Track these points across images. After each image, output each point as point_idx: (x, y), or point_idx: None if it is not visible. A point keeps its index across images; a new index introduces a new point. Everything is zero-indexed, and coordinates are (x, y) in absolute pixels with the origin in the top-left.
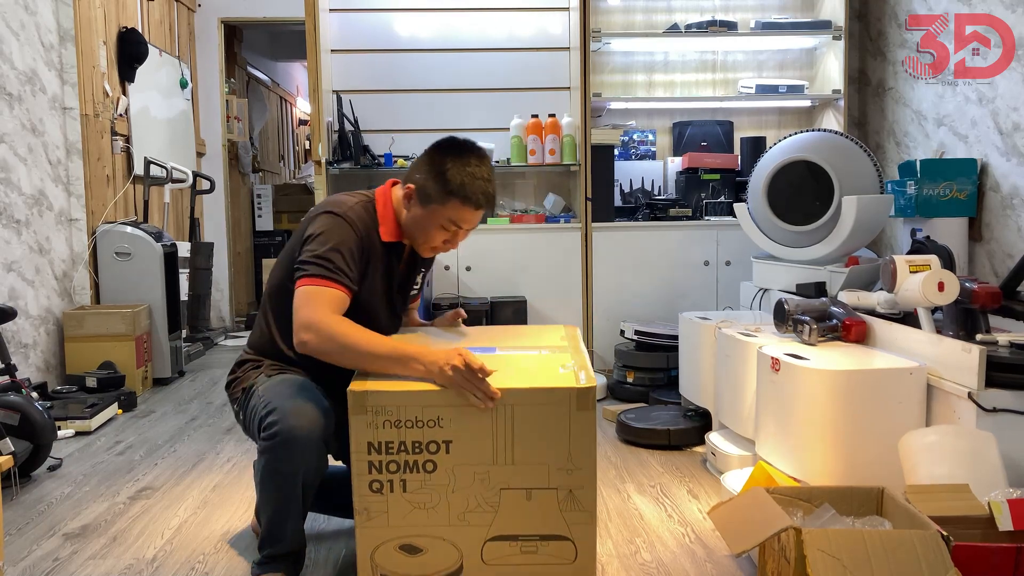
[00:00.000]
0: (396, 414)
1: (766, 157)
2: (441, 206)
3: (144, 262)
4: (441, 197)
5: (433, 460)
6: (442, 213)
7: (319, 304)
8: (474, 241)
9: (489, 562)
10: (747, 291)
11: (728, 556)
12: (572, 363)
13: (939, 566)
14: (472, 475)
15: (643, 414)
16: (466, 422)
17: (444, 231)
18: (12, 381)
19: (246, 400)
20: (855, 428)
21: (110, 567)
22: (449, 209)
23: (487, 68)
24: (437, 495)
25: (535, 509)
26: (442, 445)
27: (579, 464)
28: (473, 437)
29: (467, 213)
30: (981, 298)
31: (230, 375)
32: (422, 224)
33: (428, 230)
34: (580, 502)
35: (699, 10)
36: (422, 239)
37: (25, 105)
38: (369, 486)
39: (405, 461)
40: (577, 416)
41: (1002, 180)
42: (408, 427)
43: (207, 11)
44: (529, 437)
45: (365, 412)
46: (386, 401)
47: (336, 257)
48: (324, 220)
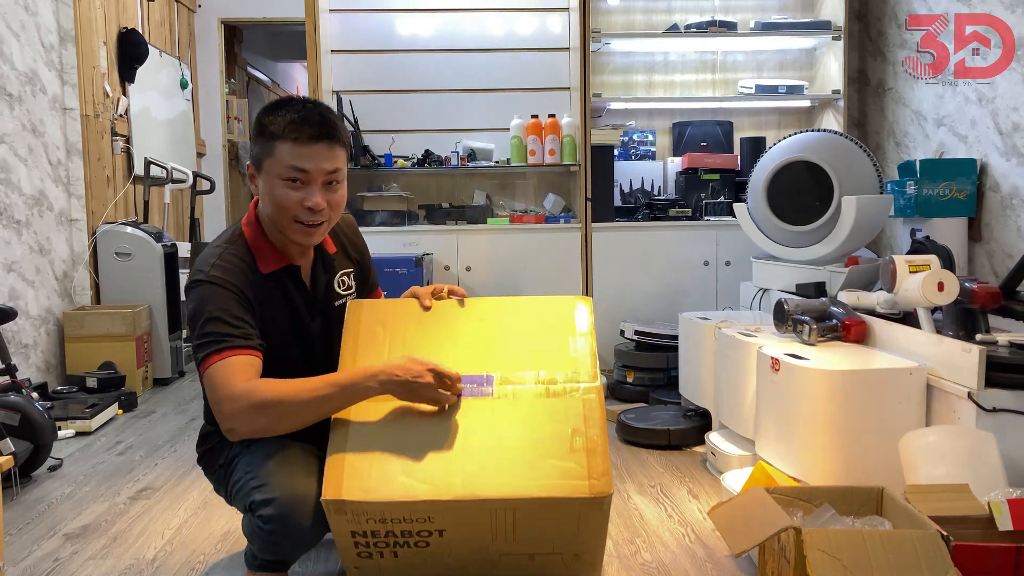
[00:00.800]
0: (381, 514)
1: (766, 157)
2: (272, 158)
3: (144, 262)
4: (268, 150)
5: (427, 541)
6: (276, 166)
7: (226, 382)
8: (474, 241)
9: None
10: (747, 291)
11: (728, 556)
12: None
13: (939, 566)
14: (469, 551)
15: (643, 414)
16: (460, 519)
17: (291, 187)
18: (12, 381)
19: (224, 474)
20: (855, 428)
21: (110, 567)
22: (281, 155)
23: (487, 68)
24: (433, 562)
25: (538, 568)
26: (435, 533)
27: (587, 541)
28: (469, 529)
29: (302, 149)
30: (981, 298)
31: (199, 447)
32: (270, 193)
33: (274, 195)
34: (586, 562)
35: (699, 10)
36: (280, 212)
37: (25, 105)
38: (357, 554)
39: (395, 542)
40: (588, 516)
41: (1002, 180)
42: (396, 522)
43: (207, 11)
44: (532, 530)
45: (344, 514)
46: (368, 510)
47: (219, 327)
48: (193, 295)
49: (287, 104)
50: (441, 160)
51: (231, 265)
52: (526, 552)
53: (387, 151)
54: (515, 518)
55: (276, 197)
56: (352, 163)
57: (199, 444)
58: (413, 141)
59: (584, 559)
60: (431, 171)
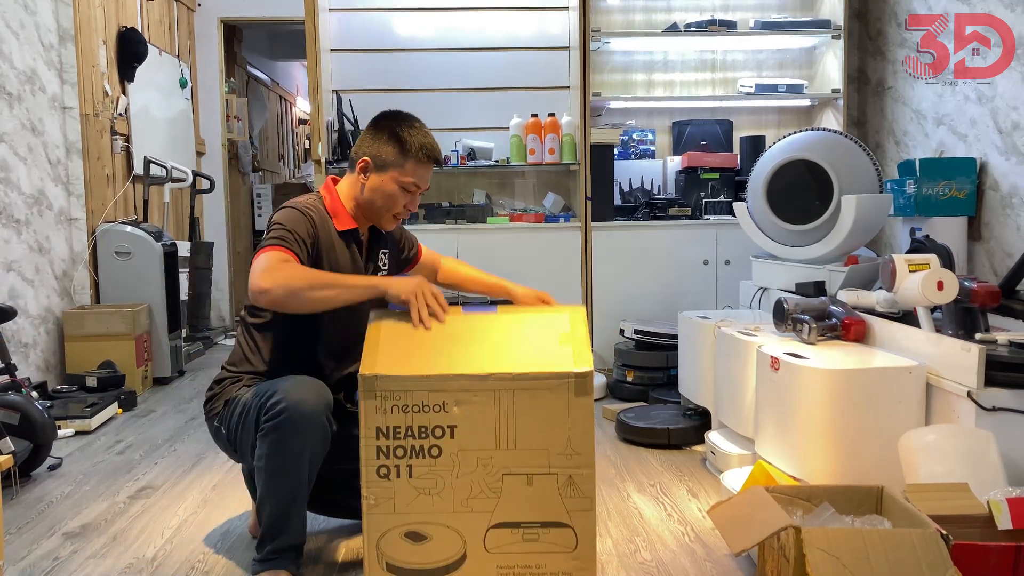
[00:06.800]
0: (404, 399)
1: (765, 156)
2: (400, 168)
3: (144, 261)
4: (399, 159)
5: (438, 445)
6: (402, 175)
7: (274, 256)
8: (473, 240)
9: (491, 550)
10: (746, 290)
11: (728, 555)
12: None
13: (938, 565)
14: (476, 460)
15: (643, 413)
16: (470, 408)
17: (405, 193)
18: (12, 380)
19: (230, 412)
20: (854, 427)
21: (110, 566)
22: (408, 169)
23: (487, 67)
24: (442, 481)
25: (536, 495)
26: (447, 430)
27: (578, 449)
28: (476, 423)
29: (424, 170)
30: (980, 297)
31: (208, 392)
32: (384, 191)
33: (390, 195)
34: (579, 488)
35: (698, 9)
36: (385, 207)
37: (25, 105)
38: (377, 471)
39: (411, 446)
40: (576, 402)
41: (1001, 179)
42: (415, 412)
43: (207, 10)
44: (529, 422)
45: (375, 397)
46: (395, 386)
47: (289, 235)
48: (281, 213)
49: (414, 124)
50: (441, 159)
51: (321, 211)
52: (526, 470)
53: None
54: (515, 409)
55: (390, 196)
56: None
57: (210, 388)
58: None
59: (577, 483)
60: None
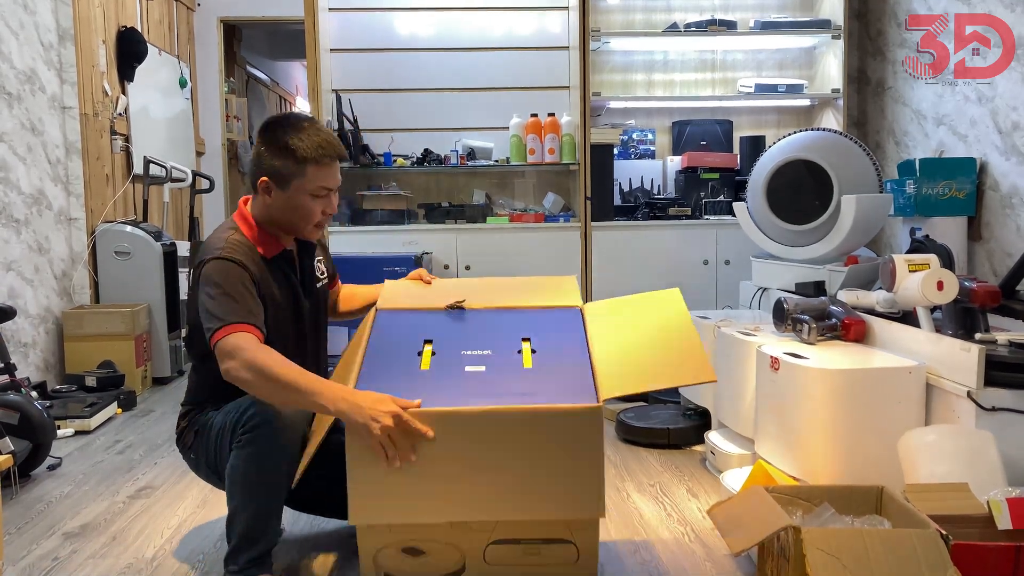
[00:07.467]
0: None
1: (765, 156)
2: (302, 178)
3: (144, 261)
4: (298, 168)
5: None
6: (306, 183)
7: (240, 340)
8: (473, 240)
9: (491, 563)
10: (746, 290)
11: (727, 555)
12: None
13: (938, 565)
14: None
15: (642, 413)
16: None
17: (318, 199)
18: (11, 380)
19: (205, 439)
20: (854, 427)
21: (110, 566)
22: (310, 176)
23: (486, 67)
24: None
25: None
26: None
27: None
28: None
29: (327, 171)
30: (980, 297)
31: (177, 429)
32: (294, 205)
33: (303, 208)
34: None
35: (698, 9)
36: (303, 220)
37: (24, 104)
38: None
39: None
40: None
41: (1001, 179)
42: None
43: (206, 10)
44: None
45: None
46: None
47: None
48: (213, 269)
49: (302, 126)
50: (440, 159)
51: (243, 253)
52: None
53: (386, 150)
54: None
55: (303, 209)
56: (352, 162)
57: (177, 426)
58: (412, 140)
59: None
60: (430, 170)
